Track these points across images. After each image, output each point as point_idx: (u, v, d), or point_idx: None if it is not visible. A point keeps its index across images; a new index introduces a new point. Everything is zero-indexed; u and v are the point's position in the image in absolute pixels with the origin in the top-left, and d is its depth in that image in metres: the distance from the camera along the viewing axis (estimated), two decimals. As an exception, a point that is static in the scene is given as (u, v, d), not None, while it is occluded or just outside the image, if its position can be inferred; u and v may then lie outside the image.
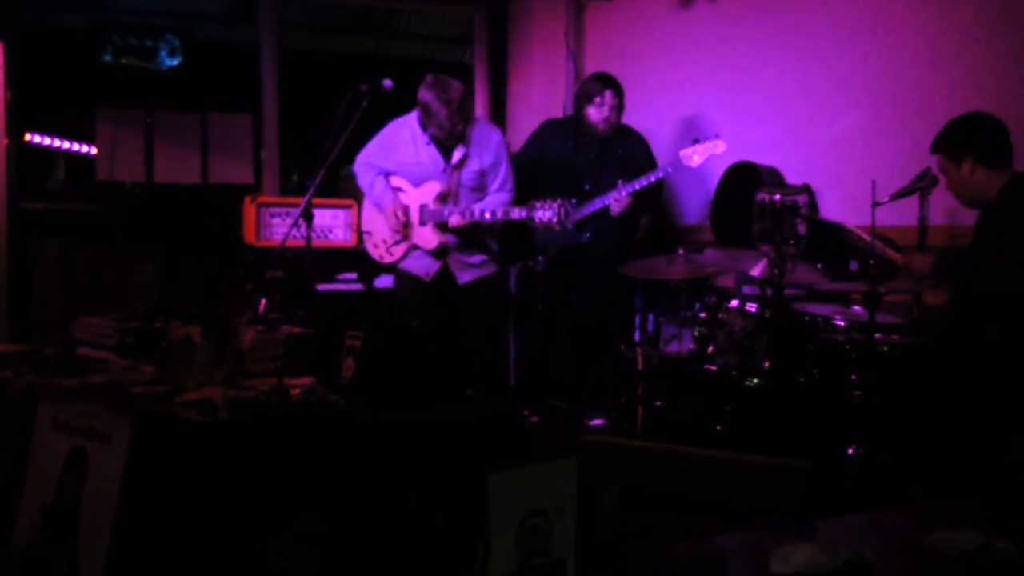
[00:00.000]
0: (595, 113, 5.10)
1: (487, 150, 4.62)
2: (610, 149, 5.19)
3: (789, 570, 1.28)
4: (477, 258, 4.69)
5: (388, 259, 4.75)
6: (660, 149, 5.42)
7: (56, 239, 5.71)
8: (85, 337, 2.78)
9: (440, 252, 4.62)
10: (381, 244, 4.75)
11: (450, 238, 4.59)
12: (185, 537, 1.80)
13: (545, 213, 4.28)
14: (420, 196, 4.62)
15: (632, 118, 5.39)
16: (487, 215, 4.47)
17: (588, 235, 5.07)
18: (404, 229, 4.61)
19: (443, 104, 4.40)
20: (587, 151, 5.20)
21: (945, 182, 3.57)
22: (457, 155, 4.57)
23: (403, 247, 4.68)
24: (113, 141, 5.83)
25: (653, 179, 4.81)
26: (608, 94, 5.06)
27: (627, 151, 5.19)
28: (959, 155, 3.45)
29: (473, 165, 4.61)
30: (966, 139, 3.47)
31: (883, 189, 3.80)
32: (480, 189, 4.66)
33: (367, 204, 4.85)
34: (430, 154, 4.60)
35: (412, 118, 4.65)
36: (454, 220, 4.49)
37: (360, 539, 1.93)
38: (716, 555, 1.05)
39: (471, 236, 4.63)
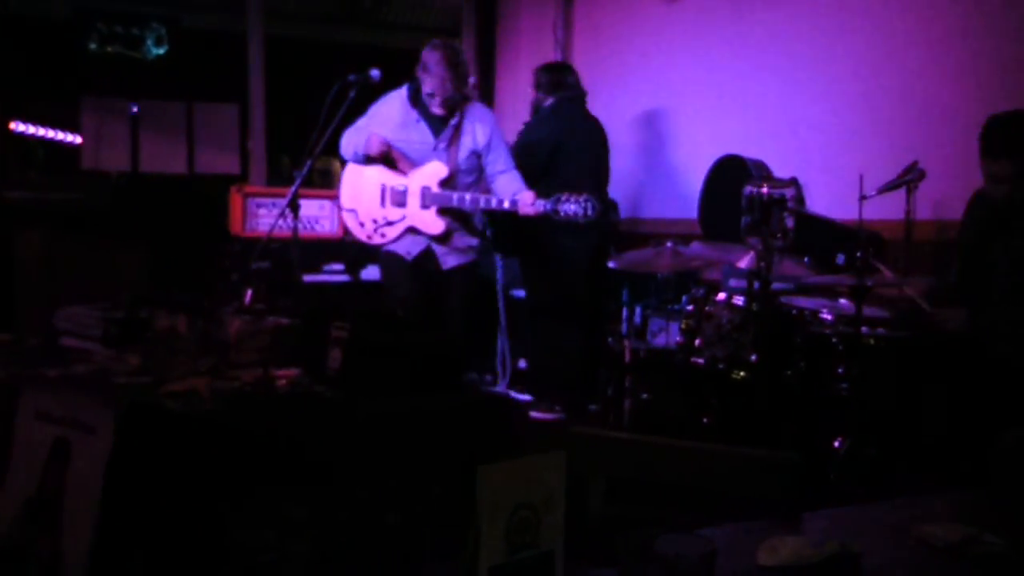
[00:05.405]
0: None
1: (481, 130, 4.49)
2: None
3: (776, 562, 1.28)
4: (463, 243, 4.56)
5: (378, 240, 4.52)
6: (644, 140, 5.42)
7: (40, 228, 5.66)
8: (69, 327, 2.76)
9: (444, 237, 4.49)
10: (369, 223, 4.51)
11: (451, 221, 4.48)
12: (170, 528, 1.79)
13: (571, 207, 4.20)
14: (422, 178, 4.44)
15: (617, 109, 5.40)
16: (519, 207, 4.33)
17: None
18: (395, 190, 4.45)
19: (449, 67, 4.30)
20: None
21: (991, 183, 3.39)
22: (447, 133, 4.45)
23: (397, 229, 4.47)
24: (98, 130, 5.79)
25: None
26: None
27: None
28: None
29: (466, 143, 4.48)
30: None
31: (870, 183, 3.81)
32: (474, 171, 4.55)
33: (348, 178, 4.61)
34: (420, 131, 4.47)
35: (402, 93, 4.52)
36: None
37: (348, 530, 1.93)
38: (703, 547, 1.05)
39: (466, 220, 4.56)
